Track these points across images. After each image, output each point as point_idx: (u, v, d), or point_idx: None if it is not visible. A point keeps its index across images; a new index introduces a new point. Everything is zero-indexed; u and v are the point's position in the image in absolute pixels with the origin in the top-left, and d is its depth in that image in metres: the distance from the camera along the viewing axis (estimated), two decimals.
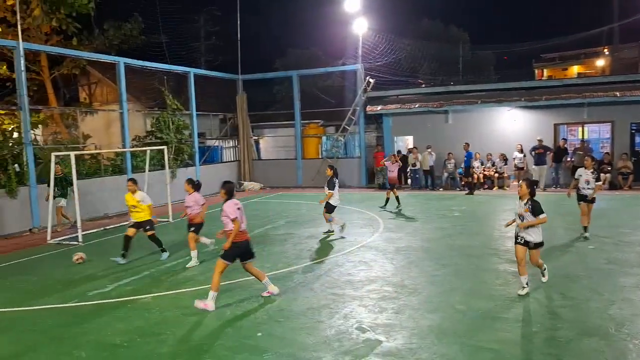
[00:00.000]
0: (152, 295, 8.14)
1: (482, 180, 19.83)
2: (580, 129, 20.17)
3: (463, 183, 19.65)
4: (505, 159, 19.95)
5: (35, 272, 10.00)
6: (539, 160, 19.00)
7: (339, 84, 27.29)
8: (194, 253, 10.06)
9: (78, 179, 13.28)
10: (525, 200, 7.34)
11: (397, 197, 16.07)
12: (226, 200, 7.45)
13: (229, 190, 7.54)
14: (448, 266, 9.21)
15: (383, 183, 21.66)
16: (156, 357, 5.82)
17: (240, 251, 7.45)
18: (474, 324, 6.45)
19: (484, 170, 19.92)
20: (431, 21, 37.43)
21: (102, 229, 14.37)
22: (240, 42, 24.60)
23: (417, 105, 21.18)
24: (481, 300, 7.33)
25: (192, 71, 21.83)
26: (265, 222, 14.37)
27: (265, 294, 7.77)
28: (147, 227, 10.56)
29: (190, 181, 10.78)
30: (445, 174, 20.50)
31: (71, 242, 12.55)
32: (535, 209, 7.23)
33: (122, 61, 18.36)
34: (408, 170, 21.44)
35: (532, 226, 7.30)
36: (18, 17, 15.30)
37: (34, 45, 17.37)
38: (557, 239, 10.98)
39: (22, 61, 14.88)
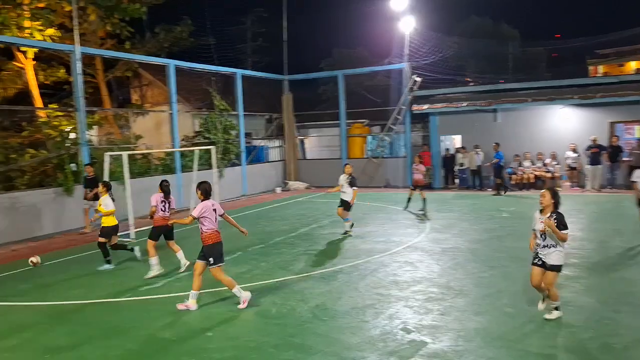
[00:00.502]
0: (200, 291, 8.31)
1: (532, 181, 19.29)
2: (638, 127, 19.31)
3: (498, 182, 19.08)
4: (557, 159, 19.33)
5: (90, 267, 10.40)
6: (594, 160, 18.30)
7: (384, 83, 27.08)
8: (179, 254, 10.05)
9: (130, 178, 13.72)
10: (548, 213, 6.35)
11: (423, 200, 15.44)
12: (203, 200, 7.65)
13: (204, 190, 7.80)
14: (496, 268, 9.02)
15: (429, 183, 21.42)
16: (204, 352, 5.95)
17: (218, 252, 7.58)
18: (523, 328, 6.29)
19: (534, 170, 19.37)
20: (480, 18, 36.66)
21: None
22: (286, 42, 24.83)
23: (464, 104, 20.79)
24: (531, 304, 7.11)
25: (239, 72, 22.18)
26: (310, 222, 14.45)
27: (241, 305, 7.38)
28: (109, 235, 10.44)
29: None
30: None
31: (124, 240, 12.98)
32: (561, 223, 6.25)
33: (172, 63, 18.85)
34: (456, 170, 21.10)
35: (558, 239, 6.25)
36: (75, 23, 15.93)
37: (89, 49, 18.07)
38: (613, 242, 10.57)
39: (79, 65, 15.50)
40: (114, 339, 6.48)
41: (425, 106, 21.58)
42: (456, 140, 22.57)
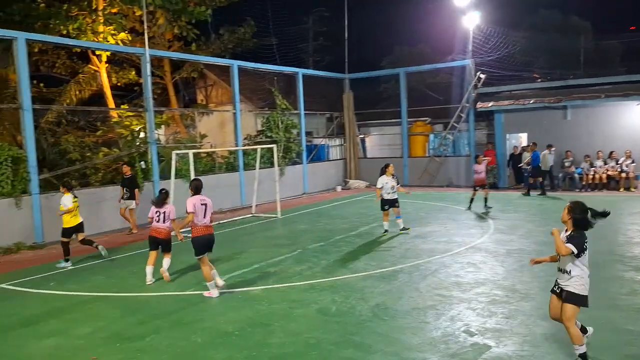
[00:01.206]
0: (261, 287, 8.48)
1: (604, 181, 18.35)
2: None
3: (531, 182, 18.46)
4: (631, 158, 18.27)
5: (157, 261, 10.79)
6: None
7: (447, 80, 26.54)
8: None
9: (195, 175, 14.15)
10: (569, 231, 5.32)
11: (485, 199, 15.25)
12: (192, 195, 8.21)
13: (194, 186, 8.35)
14: None
15: (494, 183, 20.81)
16: (265, 347, 6.06)
17: (208, 244, 8.24)
18: (595, 335, 5.97)
19: (607, 170, 18.41)
20: (548, 11, 35.16)
21: (216, 223, 15.19)
22: (347, 41, 24.83)
23: (532, 101, 20.04)
24: (603, 310, 6.77)
25: (301, 71, 22.39)
26: (370, 220, 14.38)
27: (206, 294, 8.12)
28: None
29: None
30: (562, 174, 19.23)
31: (188, 235, 13.37)
32: (576, 245, 5.11)
33: (235, 64, 19.29)
34: (523, 169, 20.34)
35: (556, 249, 5.28)
36: (145, 27, 16.63)
37: (158, 52, 18.81)
38: None
39: (148, 67, 16.16)
40: (180, 331, 6.71)
41: (490, 104, 20.97)
42: (522, 139, 21.81)
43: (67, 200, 10.46)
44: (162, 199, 9.27)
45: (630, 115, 18.88)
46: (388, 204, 12.46)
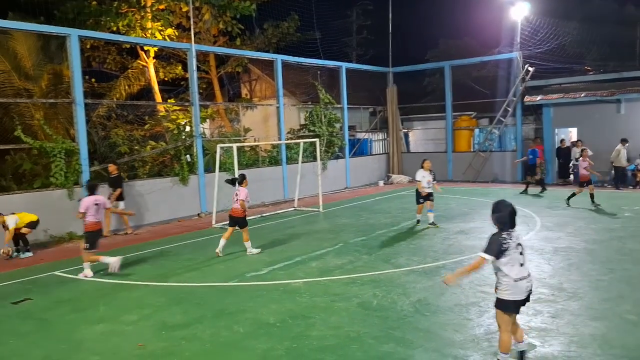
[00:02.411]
0: (303, 280, 8.54)
1: None
2: None
3: (530, 181, 17.99)
4: None
5: (202, 252, 11.05)
6: None
7: (493, 73, 25.91)
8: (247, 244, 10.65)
9: (239, 169, 14.36)
10: None
11: (591, 195, 14.79)
12: (88, 195, 9.48)
13: (89, 187, 9.68)
14: (616, 271, 8.33)
15: (541, 179, 20.22)
16: (305, 339, 6.10)
17: (94, 239, 9.43)
18: None
19: None
20: (602, 1, 33.78)
21: (259, 215, 15.39)
22: (391, 34, 24.59)
23: (582, 95, 19.33)
24: None
25: (344, 65, 22.34)
26: (413, 216, 14.18)
27: (81, 275, 9.31)
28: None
29: (242, 177, 10.80)
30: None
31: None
32: (486, 250, 5.03)
33: (279, 58, 19.41)
34: (570, 165, 19.72)
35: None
36: (191, 22, 16.93)
37: (204, 47, 19.14)
38: None
39: (194, 62, 16.47)
40: (223, 321, 6.84)
41: (539, 97, 20.36)
42: (572, 134, 21.09)
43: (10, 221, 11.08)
44: (238, 181, 10.57)
45: None
46: (423, 198, 12.67)
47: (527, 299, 5.12)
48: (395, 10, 24.80)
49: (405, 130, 26.75)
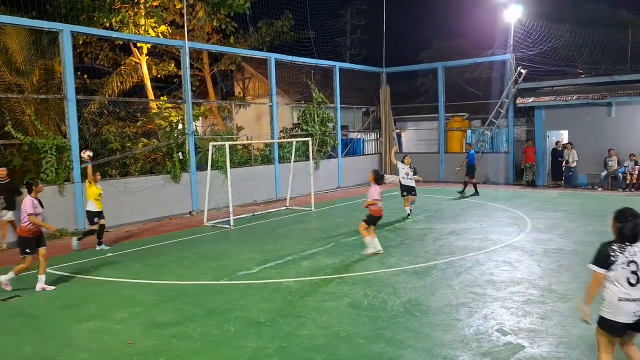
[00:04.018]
0: (294, 279, 8.54)
1: None
2: None
3: (468, 182, 18.20)
4: None
5: (193, 250, 11.03)
6: None
7: (486, 75, 26.05)
8: (369, 240, 10.08)
9: (231, 167, 14.35)
10: None
11: None
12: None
13: (28, 186, 8.73)
14: None
15: (532, 180, 20.35)
16: (296, 338, 6.11)
17: (31, 242, 8.43)
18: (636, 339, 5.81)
19: None
20: (595, 5, 34.01)
21: (251, 214, 15.38)
22: (385, 34, 24.63)
23: (574, 97, 19.47)
24: None
25: (338, 65, 22.35)
26: (405, 216, 14.28)
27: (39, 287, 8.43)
28: None
29: (375, 173, 10.63)
30: (605, 173, 18.65)
31: (224, 226, 13.61)
32: (593, 260, 4.73)
33: (272, 57, 19.39)
34: (564, 167, 19.80)
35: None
36: (185, 19, 16.88)
37: (197, 44, 19.08)
38: None
39: (188, 59, 16.41)
40: (214, 319, 6.83)
41: (531, 99, 20.48)
42: (564, 136, 21.23)
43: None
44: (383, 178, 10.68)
45: None
46: (405, 190, 13.86)
47: (637, 325, 4.42)
48: (390, 10, 24.84)
49: (398, 131, 26.82)
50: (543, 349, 5.61)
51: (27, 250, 8.38)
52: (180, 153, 16.20)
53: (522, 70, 21.07)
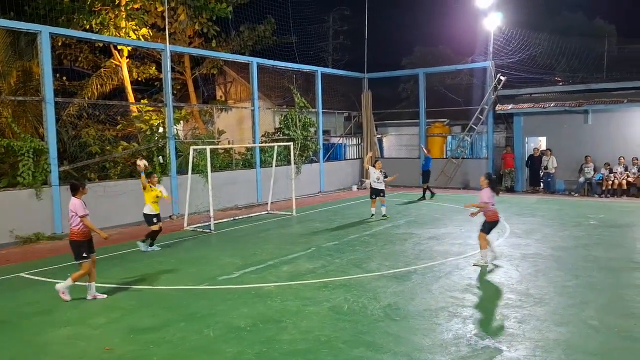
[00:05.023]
0: (274, 284, 8.52)
1: (624, 187, 18.06)
2: None
3: (425, 187, 18.86)
4: None
5: (173, 255, 10.95)
6: None
7: (467, 81, 26.39)
8: (483, 252, 9.50)
9: (212, 171, 14.28)
10: None
11: None
12: None
13: (74, 188, 8.12)
14: (581, 277, 8.55)
15: (511, 186, 20.60)
16: (276, 343, 6.10)
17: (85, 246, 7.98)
18: (609, 343, 5.93)
19: (628, 176, 18.13)
20: (572, 14, 34.66)
21: (232, 218, 15.31)
22: (367, 40, 24.78)
23: (552, 105, 19.81)
24: (618, 317, 6.71)
25: (320, 70, 22.42)
26: (385, 221, 14.36)
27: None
28: None
29: (488, 176, 9.77)
30: (582, 179, 18.99)
31: (204, 230, 13.53)
32: None
33: (254, 61, 19.37)
34: (542, 173, 20.08)
35: None
36: (166, 22, 16.78)
37: (179, 48, 18.96)
38: None
39: (169, 62, 16.31)
40: (193, 324, 6.78)
41: (510, 106, 20.78)
42: (541, 143, 21.56)
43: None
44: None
45: None
46: (375, 193, 14.72)
47: None
48: (372, 16, 25.01)
49: (380, 136, 26.95)
50: (520, 353, 5.68)
51: (84, 255, 7.92)
52: (160, 157, 16.06)
53: (502, 78, 21.37)
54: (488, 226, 9.51)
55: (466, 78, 26.81)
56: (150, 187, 11.36)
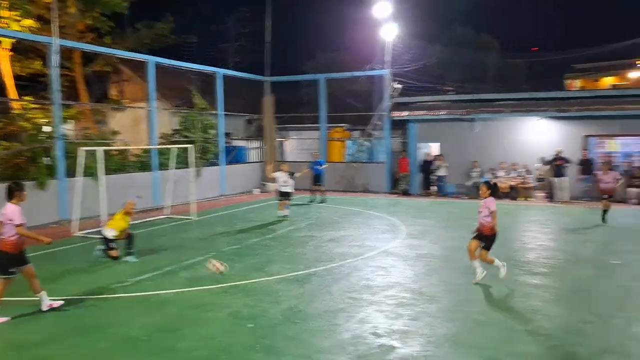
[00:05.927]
0: (172, 291, 8.25)
1: (506, 191, 19.55)
2: (611, 141, 19.72)
3: (315, 190, 19.68)
4: (529, 170, 19.66)
5: (61, 263, 10.24)
6: (559, 172, 18.55)
7: (366, 88, 27.27)
8: (475, 263, 8.64)
9: (105, 174, 13.55)
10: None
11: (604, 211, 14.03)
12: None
13: (10, 192, 7.28)
14: (469, 275, 9.09)
15: (406, 190, 21.54)
16: (173, 352, 5.91)
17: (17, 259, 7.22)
18: (493, 336, 6.38)
19: (510, 180, 19.64)
20: (463, 28, 37.06)
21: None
22: (268, 44, 24.79)
23: (443, 113, 21.02)
24: (501, 311, 7.26)
25: (221, 71, 22.08)
26: (287, 224, 14.43)
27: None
28: None
29: (488, 184, 9.26)
30: (470, 182, 20.30)
31: (96, 236, 12.78)
32: None
33: (152, 60, 18.67)
34: (434, 177, 21.18)
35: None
36: (54, 14, 15.69)
37: (68, 42, 17.78)
38: (583, 252, 10.80)
39: (56, 57, 15.26)
40: (84, 337, 6.38)
41: (405, 113, 21.75)
42: (433, 148, 22.76)
43: None
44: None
45: (531, 130, 20.28)
46: (283, 196, 15.38)
47: None
48: (274, 20, 25.08)
49: (281, 139, 27.06)
50: (413, 349, 5.95)
51: (10, 270, 7.06)
52: (47, 158, 14.97)
53: (397, 85, 22.31)
54: (490, 241, 8.63)
55: (366, 85, 27.69)
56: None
